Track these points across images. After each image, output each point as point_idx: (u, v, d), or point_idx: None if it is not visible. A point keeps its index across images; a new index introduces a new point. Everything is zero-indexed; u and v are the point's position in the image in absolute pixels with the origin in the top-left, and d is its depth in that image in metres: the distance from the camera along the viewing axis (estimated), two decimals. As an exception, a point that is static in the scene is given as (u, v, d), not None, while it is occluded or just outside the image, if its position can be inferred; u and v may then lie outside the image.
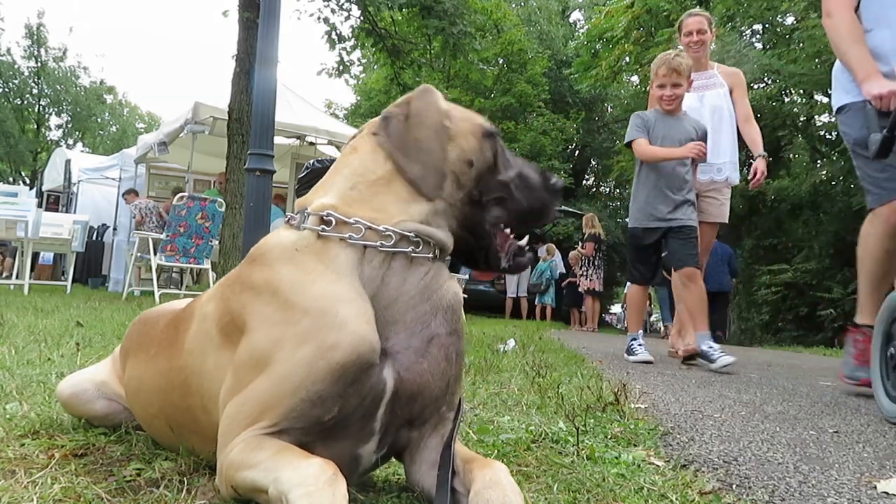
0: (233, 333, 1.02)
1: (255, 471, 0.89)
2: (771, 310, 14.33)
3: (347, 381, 0.95)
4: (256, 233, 4.54)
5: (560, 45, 22.09)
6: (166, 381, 1.18)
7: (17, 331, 3.21)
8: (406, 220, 1.05)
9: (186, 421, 1.15)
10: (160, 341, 1.24)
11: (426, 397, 1.04)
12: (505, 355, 3.80)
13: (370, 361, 0.97)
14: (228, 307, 1.04)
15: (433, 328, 1.05)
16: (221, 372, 1.03)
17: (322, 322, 0.95)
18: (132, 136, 27.92)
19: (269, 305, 0.98)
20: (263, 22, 4.67)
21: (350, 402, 0.96)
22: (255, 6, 7.75)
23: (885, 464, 1.71)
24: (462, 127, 1.14)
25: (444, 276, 1.11)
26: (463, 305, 1.15)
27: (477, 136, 1.15)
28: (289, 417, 0.94)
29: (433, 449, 1.08)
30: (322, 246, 1.02)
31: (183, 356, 1.13)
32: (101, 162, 13.86)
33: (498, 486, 0.94)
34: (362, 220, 1.03)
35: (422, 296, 1.05)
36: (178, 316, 1.24)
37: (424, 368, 1.03)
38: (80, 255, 9.81)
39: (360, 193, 1.07)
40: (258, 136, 4.58)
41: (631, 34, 13.91)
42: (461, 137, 1.13)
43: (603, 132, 21.55)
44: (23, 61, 28.59)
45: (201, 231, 7.14)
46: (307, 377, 0.93)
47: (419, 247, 1.05)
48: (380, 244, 1.02)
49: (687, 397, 2.78)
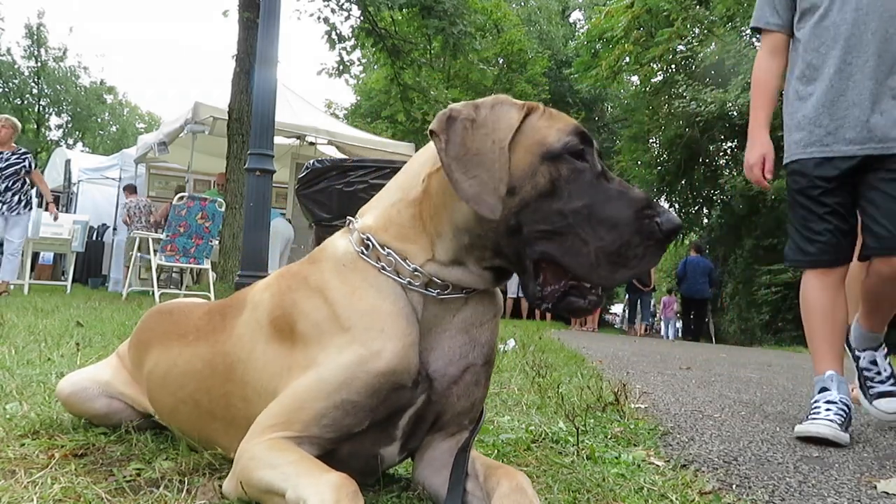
0: (283, 329, 1.04)
1: (274, 472, 0.90)
2: (771, 310, 14.31)
3: (381, 395, 0.97)
4: (256, 233, 4.54)
5: (560, 45, 22.09)
6: (207, 366, 1.17)
7: (17, 331, 3.21)
8: (430, 262, 1.02)
9: (218, 407, 1.16)
10: (200, 328, 1.24)
11: (450, 415, 1.07)
12: (505, 355, 3.79)
13: (405, 381, 0.99)
14: (282, 301, 1.06)
15: (471, 359, 1.07)
16: (269, 365, 1.05)
17: (366, 335, 0.97)
18: (132, 136, 27.88)
19: (320, 311, 1.01)
20: (263, 22, 4.67)
21: (379, 415, 0.99)
22: (255, 6, 7.75)
23: (885, 464, 1.71)
24: (522, 140, 0.98)
25: (495, 307, 1.10)
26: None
27: (535, 153, 0.97)
28: (319, 424, 0.96)
29: (446, 451, 1.10)
30: (365, 266, 1.03)
31: (231, 341, 1.13)
32: (101, 162, 13.85)
33: (523, 494, 0.97)
34: (394, 252, 1.02)
35: (467, 324, 1.06)
36: (223, 304, 1.26)
37: (453, 392, 1.06)
38: (80, 255, 9.81)
39: (399, 214, 1.04)
40: (258, 136, 4.58)
41: (631, 34, 13.91)
42: (516, 151, 0.97)
43: (603, 132, 21.53)
44: (23, 61, 28.58)
45: (201, 231, 7.14)
46: (343, 384, 0.95)
47: (447, 289, 1.03)
48: (408, 282, 1.02)
49: (687, 397, 2.79)
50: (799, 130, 2.22)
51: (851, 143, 2.09)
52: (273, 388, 1.03)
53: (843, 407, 2.03)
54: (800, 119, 2.22)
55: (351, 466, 1.01)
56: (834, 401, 2.04)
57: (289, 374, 1.01)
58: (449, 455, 1.09)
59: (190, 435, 1.27)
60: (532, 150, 0.97)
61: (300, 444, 0.96)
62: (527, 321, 10.73)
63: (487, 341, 1.09)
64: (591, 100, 21.23)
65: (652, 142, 17.82)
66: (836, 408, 2.02)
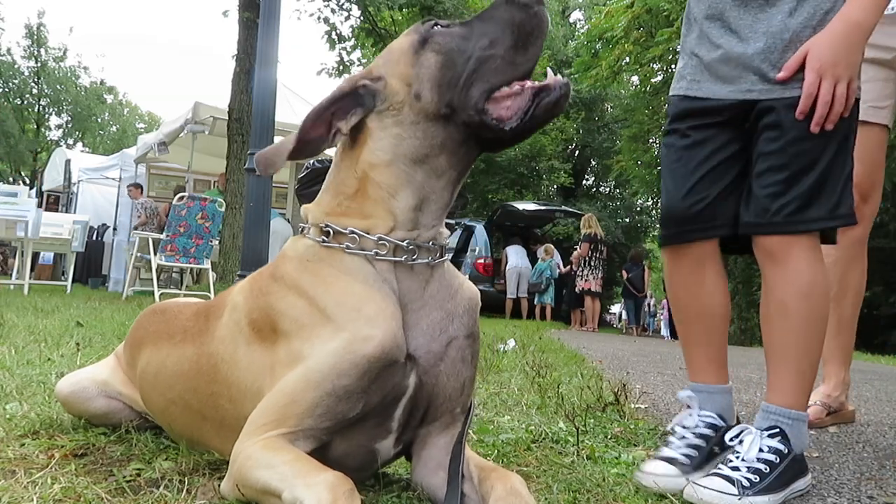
0: (262, 329, 1.05)
1: (270, 472, 0.90)
2: (771, 310, 14.32)
3: (372, 376, 0.97)
4: (256, 233, 4.54)
5: (560, 45, 22.07)
6: (193, 367, 1.18)
7: (17, 331, 3.21)
8: (394, 230, 1.04)
9: (207, 408, 1.16)
10: (187, 329, 1.25)
11: (441, 398, 1.07)
12: (505, 355, 3.80)
13: (395, 358, 0.99)
14: (257, 304, 1.07)
15: (451, 332, 1.07)
16: (252, 365, 1.06)
17: (348, 319, 0.98)
18: (132, 136, 27.84)
19: (296, 307, 1.02)
20: (263, 22, 4.67)
21: (373, 399, 0.99)
22: (255, 6, 7.75)
23: (885, 464, 1.71)
24: (388, 69, 1.06)
25: (458, 279, 1.13)
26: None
27: (408, 54, 1.04)
28: (314, 414, 0.96)
29: (441, 448, 1.10)
30: (329, 253, 1.04)
31: (214, 343, 1.14)
32: (101, 162, 13.84)
33: (518, 496, 0.97)
34: (357, 229, 1.04)
35: (438, 299, 1.07)
36: (208, 305, 1.27)
37: (441, 370, 1.05)
38: (80, 255, 9.80)
39: (347, 195, 1.07)
40: (258, 136, 4.58)
41: (631, 34, 13.89)
42: (390, 78, 1.04)
43: (603, 132, 21.52)
44: (23, 61, 28.55)
45: (201, 231, 7.14)
46: (332, 370, 0.95)
47: (415, 254, 1.05)
48: (374, 252, 1.03)
49: (687, 397, 2.78)
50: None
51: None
52: (258, 387, 1.03)
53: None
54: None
55: (347, 464, 1.01)
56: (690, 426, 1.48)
57: (272, 372, 1.02)
58: (444, 454, 1.09)
59: (183, 436, 1.27)
60: (406, 56, 1.04)
61: (296, 441, 0.96)
62: (527, 321, 10.73)
63: (465, 312, 1.10)
64: (591, 100, 21.20)
65: (652, 142, 17.81)
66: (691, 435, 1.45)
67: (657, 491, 1.28)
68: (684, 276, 1.54)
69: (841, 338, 2.24)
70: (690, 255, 1.52)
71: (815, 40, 1.36)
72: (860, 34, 1.34)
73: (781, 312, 1.40)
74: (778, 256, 1.40)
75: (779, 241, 1.40)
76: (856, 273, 2.20)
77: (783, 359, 1.40)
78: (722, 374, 1.55)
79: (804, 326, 1.39)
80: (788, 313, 1.39)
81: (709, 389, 1.51)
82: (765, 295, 1.45)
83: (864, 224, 2.15)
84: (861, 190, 2.09)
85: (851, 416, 2.32)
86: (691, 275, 1.53)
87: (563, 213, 14.48)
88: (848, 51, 1.33)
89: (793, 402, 1.38)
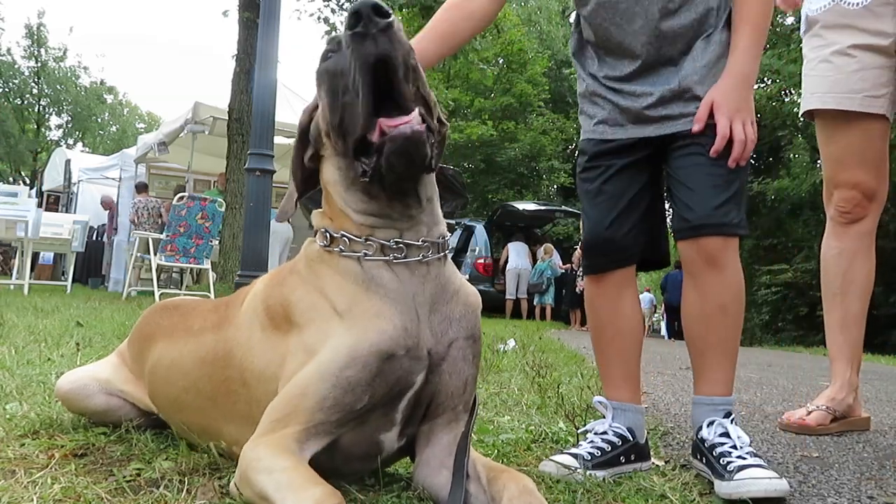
0: (276, 317, 1.10)
1: (269, 478, 0.92)
2: (771, 310, 14.33)
3: (372, 369, 1.00)
4: (256, 233, 4.54)
5: (560, 45, 22.07)
6: (210, 353, 1.22)
7: (17, 331, 3.21)
8: (378, 228, 1.07)
9: (219, 393, 1.19)
10: (207, 319, 1.29)
11: (444, 395, 1.10)
12: (505, 355, 3.80)
13: (397, 350, 1.02)
14: (274, 292, 1.13)
15: (451, 334, 1.10)
16: (266, 351, 1.10)
17: (348, 315, 1.03)
18: (132, 136, 27.86)
19: (306, 301, 1.07)
20: (263, 22, 4.67)
21: (378, 391, 1.02)
22: (255, 6, 7.75)
23: (885, 464, 1.71)
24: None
25: (456, 281, 1.15)
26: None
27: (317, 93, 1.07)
28: (323, 407, 0.98)
29: (445, 447, 1.11)
30: (329, 256, 1.09)
31: (231, 329, 1.19)
32: (101, 162, 13.83)
33: (532, 495, 0.99)
34: (347, 233, 1.08)
35: (436, 298, 1.09)
36: (229, 297, 1.33)
37: (444, 369, 1.08)
38: (80, 255, 9.80)
39: (343, 202, 1.10)
40: (258, 136, 4.58)
41: (631, 34, 13.87)
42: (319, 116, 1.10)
43: (603, 132, 21.53)
44: (23, 61, 28.59)
45: (201, 231, 7.14)
46: (337, 364, 0.99)
47: (404, 252, 1.07)
48: (363, 254, 1.06)
49: (687, 397, 2.78)
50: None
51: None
52: (271, 372, 1.07)
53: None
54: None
55: (353, 453, 1.06)
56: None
57: (283, 360, 1.06)
58: (447, 453, 1.10)
59: (191, 427, 1.28)
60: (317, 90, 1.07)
61: (307, 440, 0.98)
62: (527, 321, 10.73)
63: (462, 316, 1.12)
64: (591, 100, 21.21)
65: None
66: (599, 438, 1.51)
67: (554, 477, 1.33)
68: (606, 300, 1.63)
69: (847, 334, 2.15)
70: (612, 281, 1.62)
71: (715, 91, 1.47)
72: (749, 84, 1.50)
73: (721, 313, 1.51)
74: (718, 259, 1.48)
75: (722, 243, 1.48)
76: (862, 267, 2.11)
77: (723, 355, 1.53)
78: (636, 394, 1.62)
79: (738, 324, 1.54)
80: (728, 313, 1.51)
81: (623, 407, 1.58)
82: (699, 297, 1.53)
83: (871, 217, 2.10)
84: (864, 188, 2.06)
85: (865, 424, 2.17)
86: (612, 299, 1.62)
87: (563, 213, 14.47)
88: (745, 98, 1.48)
89: (728, 391, 1.53)
